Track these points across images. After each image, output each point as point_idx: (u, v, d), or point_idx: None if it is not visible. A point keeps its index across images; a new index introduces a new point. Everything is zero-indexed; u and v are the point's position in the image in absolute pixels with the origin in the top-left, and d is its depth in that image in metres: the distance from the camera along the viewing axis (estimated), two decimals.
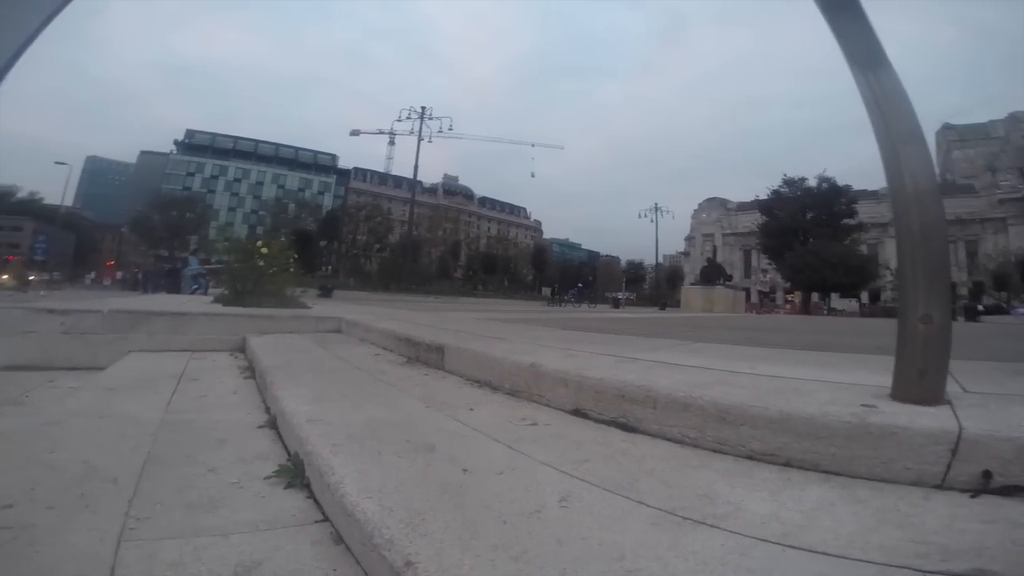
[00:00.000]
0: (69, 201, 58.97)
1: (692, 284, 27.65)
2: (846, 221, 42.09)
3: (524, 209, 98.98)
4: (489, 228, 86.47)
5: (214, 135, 76.01)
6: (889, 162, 1.18)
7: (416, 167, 32.92)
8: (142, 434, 1.63)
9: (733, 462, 1.09)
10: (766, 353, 2.42)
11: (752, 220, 52.30)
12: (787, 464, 1.04)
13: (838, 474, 0.99)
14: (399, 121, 33.72)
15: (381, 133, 43.34)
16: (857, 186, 44.12)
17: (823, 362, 2.10)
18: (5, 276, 27.72)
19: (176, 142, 74.42)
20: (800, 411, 1.06)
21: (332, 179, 79.85)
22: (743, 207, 62.55)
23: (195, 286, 10.75)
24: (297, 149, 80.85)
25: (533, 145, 72.66)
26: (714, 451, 1.14)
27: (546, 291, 38.52)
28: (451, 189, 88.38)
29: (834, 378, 1.48)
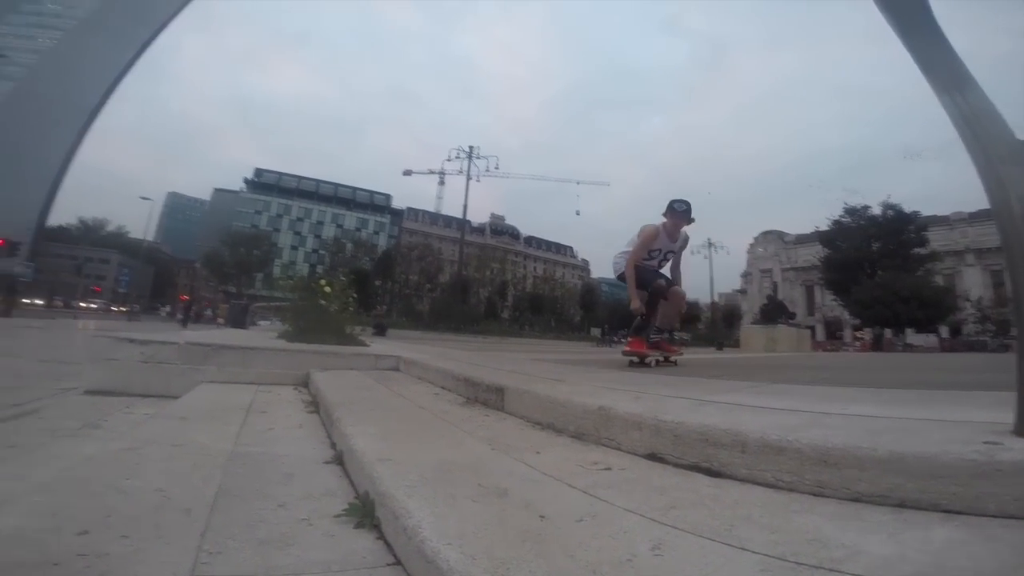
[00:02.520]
0: (151, 235, 64.82)
1: (753, 323, 26.64)
2: (917, 250, 39.32)
3: (570, 248, 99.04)
4: (535, 268, 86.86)
5: (280, 174, 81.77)
6: (991, 186, 1.10)
7: (465, 207, 33.84)
8: (213, 465, 1.68)
9: (838, 505, 1.01)
10: (853, 393, 2.23)
11: (813, 253, 49.82)
12: (901, 505, 0.96)
13: (962, 513, 0.91)
14: (448, 160, 34.92)
15: (431, 173, 45.13)
16: (925, 212, 41.33)
17: (919, 400, 1.93)
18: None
19: (246, 180, 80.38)
20: (915, 450, 0.99)
21: (387, 219, 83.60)
22: (802, 240, 59.79)
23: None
24: (355, 189, 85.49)
25: (578, 183, 72.33)
26: (814, 495, 1.06)
27: (595, 331, 37.79)
28: (498, 229, 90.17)
29: (939, 416, 1.36)
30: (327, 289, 5.59)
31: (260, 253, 59.35)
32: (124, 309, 44.75)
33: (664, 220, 4.08)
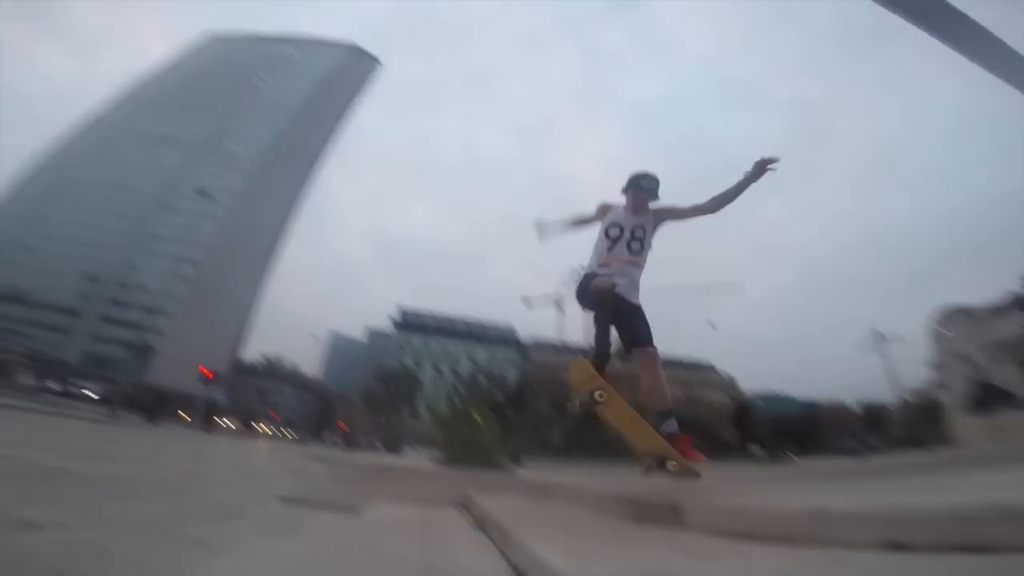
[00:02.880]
0: (316, 368, 73.14)
1: (970, 419, 22.92)
2: None
3: (711, 366, 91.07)
4: (673, 390, 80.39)
5: (420, 315, 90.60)
6: None
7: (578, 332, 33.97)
8: (412, 571, 1.83)
9: None
10: None
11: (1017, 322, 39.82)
12: None
13: None
14: (564, 283, 35.48)
15: (548, 301, 46.31)
16: None
17: None
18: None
19: (391, 319, 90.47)
20: None
21: (513, 352, 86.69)
22: (1000, 311, 47.70)
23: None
24: (484, 326, 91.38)
25: (707, 292, 66.46)
26: None
27: (755, 448, 32.96)
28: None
29: None
30: (477, 419, 5.95)
31: (406, 388, 65.14)
32: (294, 434, 50.91)
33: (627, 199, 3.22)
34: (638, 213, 3.14)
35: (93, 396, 28.31)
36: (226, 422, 24.63)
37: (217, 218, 67.84)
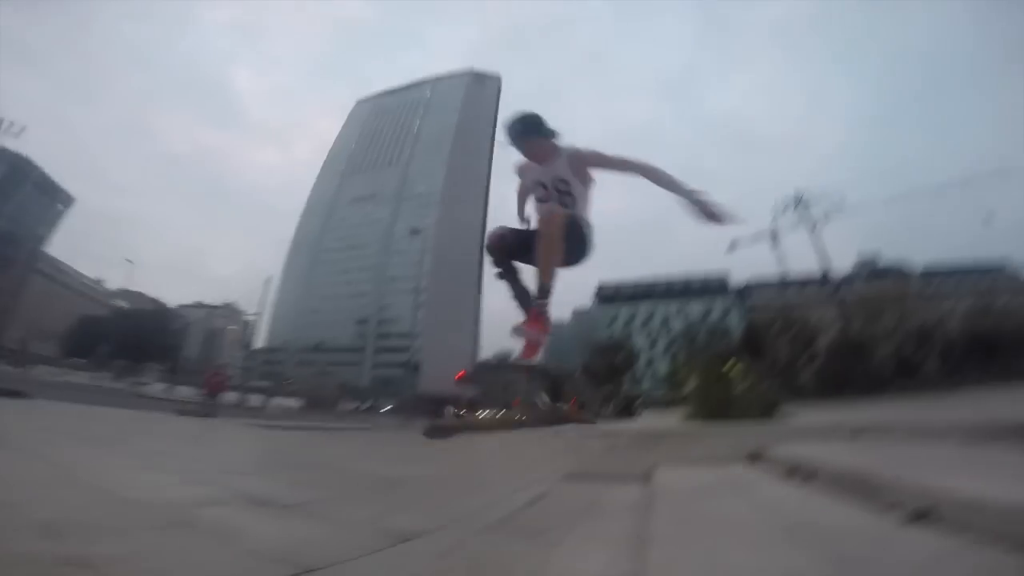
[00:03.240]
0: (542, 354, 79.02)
1: None
2: None
3: (1005, 265, 67.23)
4: (955, 304, 62.61)
5: (619, 286, 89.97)
6: None
7: (822, 261, 28.94)
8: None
9: None
10: None
11: None
12: None
13: None
14: (777, 217, 31.52)
15: (757, 240, 40.97)
16: None
17: None
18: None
19: (592, 297, 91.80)
20: None
21: (730, 299, 79.60)
22: None
23: None
24: (687, 280, 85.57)
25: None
26: None
27: None
28: (877, 271, 71.70)
29: None
30: (734, 370, 5.66)
31: (623, 356, 66.33)
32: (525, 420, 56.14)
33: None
34: (545, 162, 2.76)
35: (388, 409, 36.87)
36: (484, 413, 28.63)
37: (429, 249, 78.97)
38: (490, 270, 2.86)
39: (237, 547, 1.93)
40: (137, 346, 45.89)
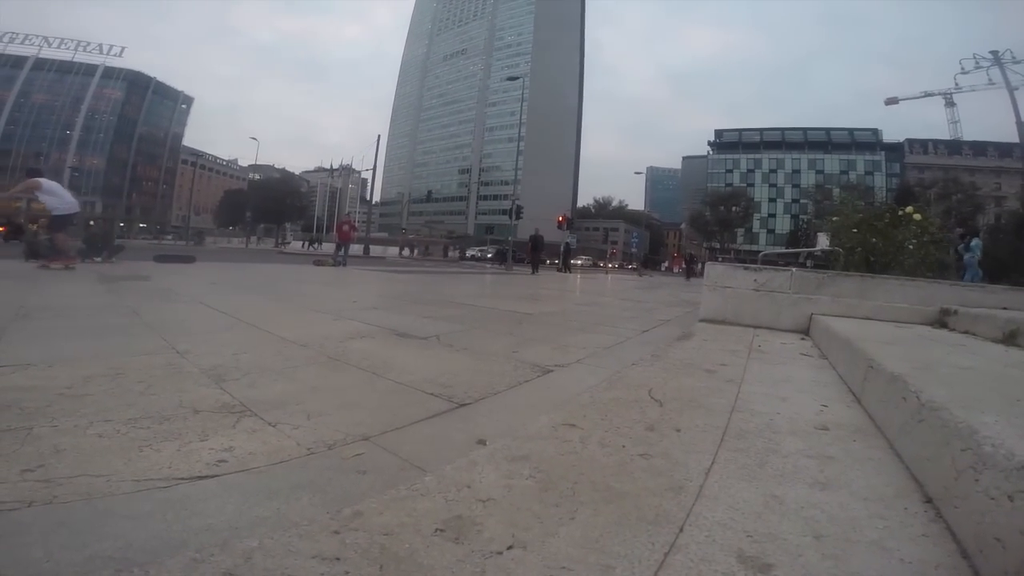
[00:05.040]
0: (642, 205, 78.36)
1: None
2: None
3: None
4: None
5: (740, 131, 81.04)
6: None
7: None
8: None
9: None
10: None
11: None
12: None
13: None
14: (963, 73, 23.73)
15: (927, 96, 32.26)
16: None
17: None
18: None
19: (709, 143, 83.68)
20: None
21: (879, 156, 68.01)
22: None
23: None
24: (828, 130, 73.84)
25: None
26: None
27: None
28: None
29: None
30: (917, 216, 4.58)
31: (739, 209, 61.01)
32: (632, 266, 55.97)
33: None
34: None
35: (489, 255, 38.74)
36: (579, 261, 28.88)
37: (526, 98, 75.17)
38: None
39: (391, 381, 1.94)
40: (273, 211, 51.58)
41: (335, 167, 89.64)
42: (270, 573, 0.61)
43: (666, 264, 45.41)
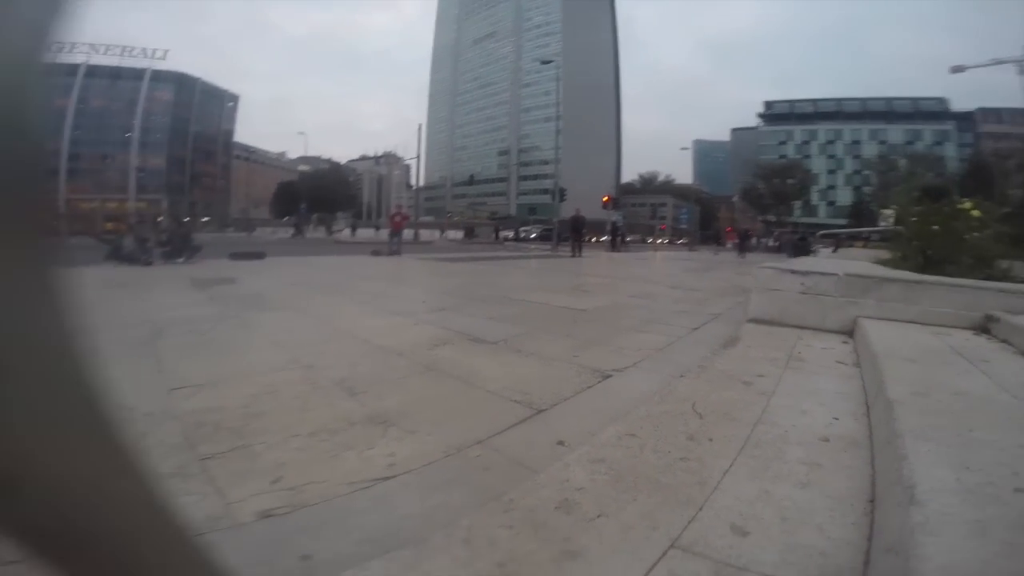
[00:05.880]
0: (690, 178, 76.67)
1: None
2: None
3: None
4: None
5: (791, 102, 77.26)
6: None
7: None
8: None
9: None
10: None
11: None
12: None
13: None
14: None
15: (998, 63, 29.12)
16: None
17: None
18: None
19: (759, 115, 80.00)
20: None
21: (948, 126, 63.00)
22: None
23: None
24: (889, 99, 68.85)
25: None
26: None
27: None
28: None
29: None
30: (975, 212, 4.58)
31: (795, 182, 58.32)
32: (682, 241, 54.70)
33: None
34: None
35: (532, 236, 39.07)
36: (627, 239, 28.56)
37: (560, 77, 74.36)
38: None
39: (481, 389, 2.42)
40: (326, 200, 54.00)
41: (379, 155, 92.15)
42: (477, 539, 1.08)
43: (719, 239, 43.81)
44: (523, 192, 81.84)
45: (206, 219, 57.13)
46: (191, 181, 72.17)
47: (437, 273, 9.21)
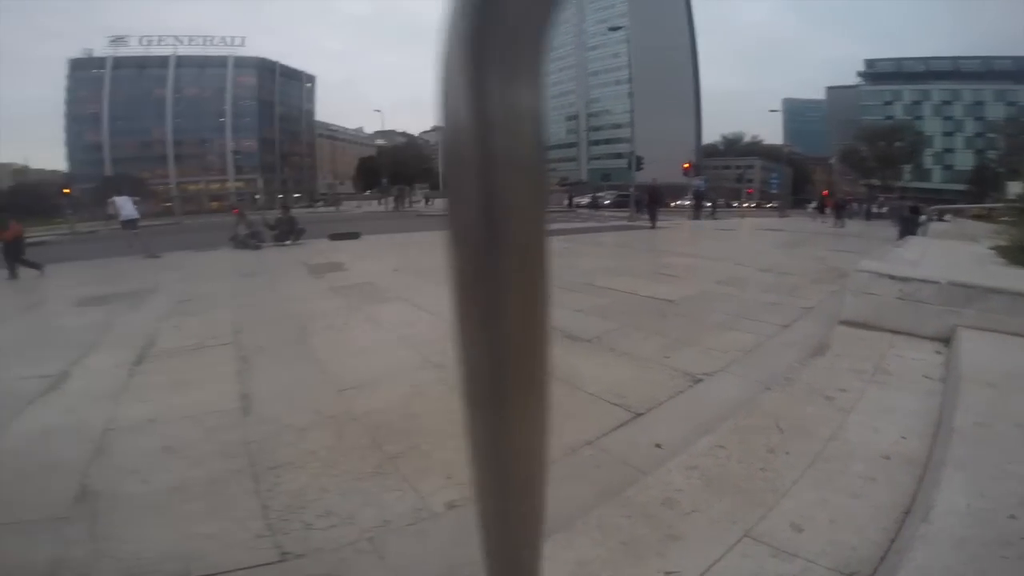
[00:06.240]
0: (779, 139, 70.70)
1: None
2: None
3: None
4: None
5: (898, 60, 68.36)
6: None
7: None
8: None
9: None
10: None
11: None
12: None
13: None
14: None
15: None
16: None
17: None
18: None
19: (860, 73, 71.82)
20: None
21: None
22: None
23: None
24: (1016, 59, 59.21)
25: None
26: None
27: None
28: None
29: None
30: None
31: (904, 144, 52.23)
32: (772, 205, 51.06)
33: None
34: None
35: (606, 203, 38.25)
36: (710, 205, 26.94)
37: (629, 39, 71.88)
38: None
39: (583, 391, 2.87)
40: (404, 174, 56.39)
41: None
42: (606, 525, 1.56)
43: (813, 205, 39.91)
44: (595, 157, 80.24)
45: (297, 195, 61.84)
46: (281, 160, 77.78)
47: None
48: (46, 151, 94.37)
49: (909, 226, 11.90)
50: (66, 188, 34.12)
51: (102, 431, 2.49)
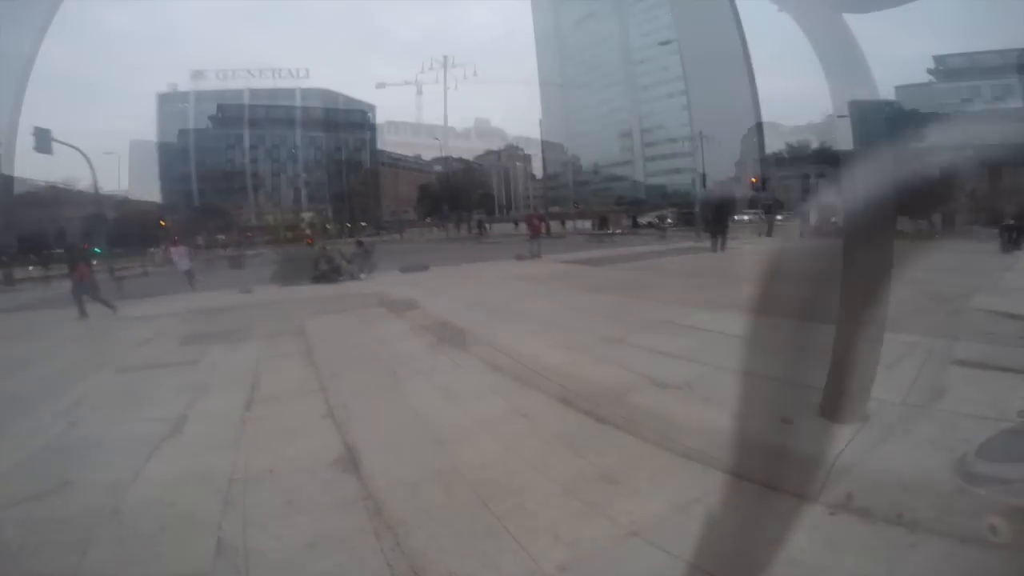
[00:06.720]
0: (849, 144, 65.83)
1: None
2: None
3: None
4: None
5: (970, 55, 62.77)
6: None
7: None
8: None
9: None
10: None
11: None
12: None
13: None
14: None
15: None
16: None
17: None
18: None
19: (930, 71, 66.46)
20: None
21: None
22: None
23: None
24: None
25: None
26: None
27: None
28: None
29: None
30: None
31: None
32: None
33: None
34: None
35: (669, 221, 37.09)
36: (779, 218, 25.53)
37: (679, 52, 70.33)
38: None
39: (677, 447, 2.80)
40: (461, 199, 57.98)
41: (501, 149, 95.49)
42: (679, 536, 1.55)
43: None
44: (651, 173, 78.56)
45: (363, 224, 65.16)
46: (347, 189, 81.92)
47: (588, 285, 9.46)
48: (138, 182, 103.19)
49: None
50: (162, 220, 37.70)
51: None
